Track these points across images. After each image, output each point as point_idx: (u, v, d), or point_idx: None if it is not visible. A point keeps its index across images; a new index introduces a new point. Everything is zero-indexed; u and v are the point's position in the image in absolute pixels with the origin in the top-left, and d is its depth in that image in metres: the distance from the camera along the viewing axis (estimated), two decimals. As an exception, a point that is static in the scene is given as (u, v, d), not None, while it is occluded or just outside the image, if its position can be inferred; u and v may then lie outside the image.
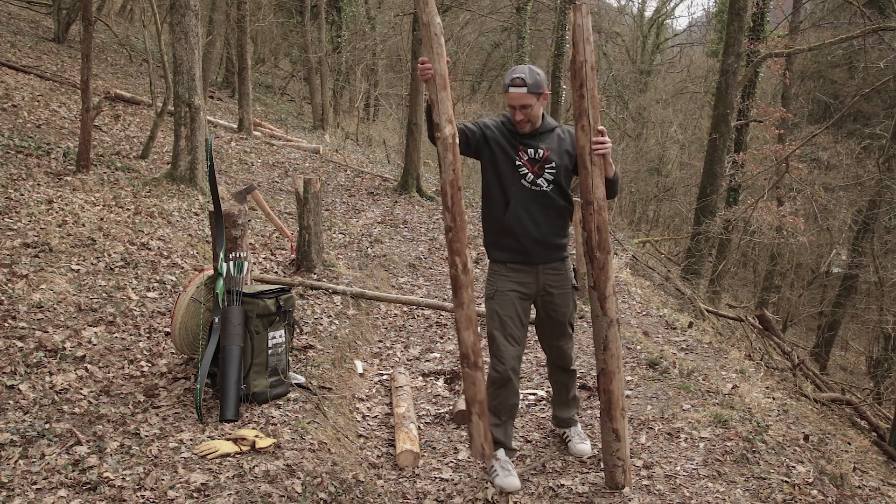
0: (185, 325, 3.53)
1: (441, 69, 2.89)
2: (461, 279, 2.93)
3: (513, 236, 3.08)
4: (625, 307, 6.20)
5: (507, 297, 3.12)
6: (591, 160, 2.90)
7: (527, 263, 3.11)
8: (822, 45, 13.11)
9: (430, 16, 2.90)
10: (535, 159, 3.05)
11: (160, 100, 8.93)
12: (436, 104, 2.88)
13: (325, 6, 17.01)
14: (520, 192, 3.04)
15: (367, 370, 4.57)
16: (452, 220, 2.91)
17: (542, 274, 3.13)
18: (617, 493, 2.98)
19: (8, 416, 2.97)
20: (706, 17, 28.96)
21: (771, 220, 11.95)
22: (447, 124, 2.89)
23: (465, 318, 2.95)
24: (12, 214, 5.15)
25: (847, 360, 14.27)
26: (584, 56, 2.85)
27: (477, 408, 2.97)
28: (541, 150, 3.04)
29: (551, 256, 3.12)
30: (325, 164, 12.19)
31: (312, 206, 5.83)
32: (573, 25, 2.87)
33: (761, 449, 3.34)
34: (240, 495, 2.53)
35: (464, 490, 3.07)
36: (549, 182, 3.05)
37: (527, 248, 3.08)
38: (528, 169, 3.04)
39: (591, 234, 2.93)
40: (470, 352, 2.96)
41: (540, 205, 3.06)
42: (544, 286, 3.14)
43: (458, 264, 2.93)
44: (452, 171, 2.90)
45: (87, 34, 6.87)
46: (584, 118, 2.88)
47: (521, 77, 2.93)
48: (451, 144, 2.90)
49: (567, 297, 3.20)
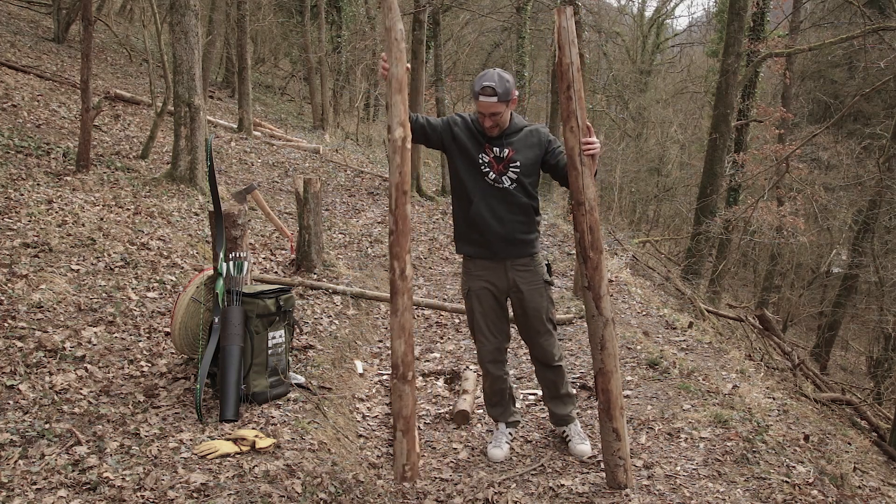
0: (185, 325, 3.53)
1: (398, 73, 2.94)
2: (398, 285, 2.93)
3: (478, 231, 3.17)
4: (625, 307, 6.19)
5: (479, 294, 3.26)
6: (580, 160, 2.91)
7: (493, 259, 3.21)
8: (822, 45, 13.11)
9: (392, 21, 2.95)
10: (501, 158, 3.13)
11: (160, 100, 8.92)
12: (389, 107, 2.95)
13: (325, 6, 17.01)
14: (483, 189, 3.13)
15: (367, 370, 4.57)
16: (395, 224, 2.94)
17: (510, 270, 3.21)
18: (617, 493, 2.98)
19: (8, 416, 2.96)
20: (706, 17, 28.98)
21: (771, 220, 11.95)
22: (398, 127, 2.93)
23: (399, 325, 2.94)
24: (12, 214, 5.15)
25: (847, 360, 14.27)
26: (570, 58, 2.87)
27: (402, 423, 2.95)
28: (506, 150, 3.12)
29: (517, 252, 3.20)
30: (325, 164, 12.19)
31: (312, 206, 5.83)
32: (557, 28, 2.88)
33: (761, 449, 3.34)
34: (240, 495, 2.53)
35: (464, 490, 3.06)
36: (512, 181, 3.13)
37: (491, 243, 3.18)
38: (492, 168, 3.13)
39: (584, 234, 2.94)
40: (400, 363, 2.94)
41: (503, 201, 3.14)
42: (514, 282, 3.22)
43: (397, 269, 2.94)
44: (399, 174, 2.93)
45: (86, 34, 6.87)
46: (572, 119, 2.90)
47: (492, 86, 2.97)
48: (400, 147, 2.94)
49: (539, 293, 3.25)
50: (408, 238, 2.96)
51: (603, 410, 2.97)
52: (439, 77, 13.10)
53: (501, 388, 3.41)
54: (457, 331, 5.52)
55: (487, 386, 3.43)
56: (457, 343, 5.23)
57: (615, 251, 9.56)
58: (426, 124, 3.14)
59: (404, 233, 2.94)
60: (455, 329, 5.56)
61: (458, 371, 4.52)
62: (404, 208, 2.94)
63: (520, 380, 4.45)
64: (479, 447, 3.55)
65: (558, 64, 2.91)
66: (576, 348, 4.98)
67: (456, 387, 4.35)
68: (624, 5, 30.43)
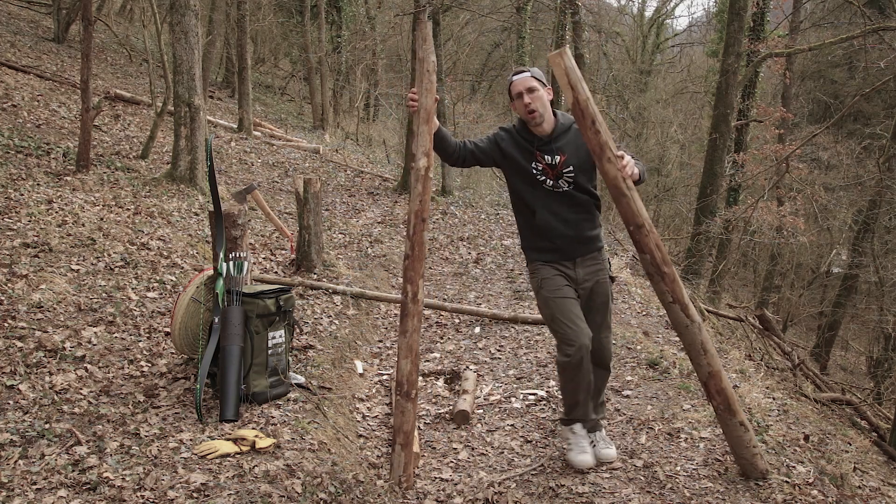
0: (185, 325, 3.53)
1: (427, 104, 2.97)
2: (409, 307, 3.02)
3: (547, 238, 3.17)
4: (625, 307, 6.19)
5: (555, 281, 3.14)
6: (626, 185, 2.87)
7: (565, 260, 3.19)
8: (822, 45, 13.10)
9: (426, 52, 2.96)
10: (553, 165, 3.11)
11: (160, 100, 8.92)
12: (416, 136, 2.98)
13: (325, 6, 17.01)
14: (544, 197, 3.13)
15: (367, 370, 4.57)
16: (411, 249, 3.00)
17: (579, 265, 3.19)
18: (617, 493, 2.98)
19: (8, 416, 2.96)
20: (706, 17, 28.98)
21: (771, 220, 11.94)
22: (423, 157, 2.97)
23: (406, 346, 3.02)
24: (12, 214, 5.15)
25: (847, 360, 14.26)
26: (584, 94, 2.84)
27: (401, 437, 3.03)
28: (557, 157, 3.10)
29: (587, 249, 3.20)
30: (325, 164, 12.19)
31: (312, 206, 5.83)
32: (565, 70, 2.82)
33: (761, 449, 3.34)
34: (240, 495, 2.53)
35: (464, 490, 3.07)
36: (569, 183, 3.12)
37: (562, 248, 3.16)
38: (547, 174, 3.11)
39: (653, 253, 2.91)
40: (405, 381, 3.03)
41: (565, 203, 3.14)
42: (583, 277, 3.19)
43: (409, 292, 3.01)
44: (419, 202, 2.98)
45: (86, 34, 6.87)
46: (606, 151, 2.86)
47: (522, 69, 3.09)
48: (423, 176, 2.98)
49: (606, 286, 3.24)
50: (423, 263, 3.03)
51: (724, 409, 2.97)
52: (439, 77, 13.09)
53: (590, 379, 3.12)
54: (457, 331, 5.52)
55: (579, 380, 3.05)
56: (457, 343, 5.23)
57: (615, 251, 9.55)
58: (475, 149, 3.16)
59: (420, 258, 3.00)
60: (455, 329, 5.56)
61: (458, 371, 4.52)
62: (422, 234, 3.00)
63: (519, 380, 4.45)
64: (479, 447, 3.55)
65: (574, 104, 2.87)
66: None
67: (456, 387, 4.35)
68: (624, 5, 30.41)
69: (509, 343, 5.10)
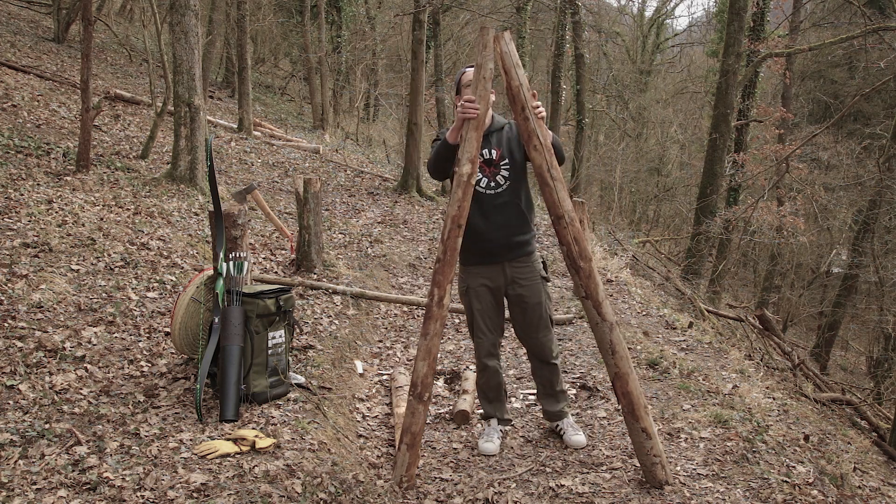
0: (185, 325, 3.53)
1: (482, 111, 2.93)
2: (433, 311, 3.01)
3: (475, 242, 3.20)
4: (625, 307, 6.19)
5: (477, 291, 3.32)
6: (550, 176, 2.92)
7: (491, 263, 3.26)
8: (822, 45, 13.11)
9: (484, 59, 2.91)
10: (490, 160, 3.15)
11: (160, 100, 8.92)
12: (463, 141, 2.95)
13: (325, 6, 17.01)
14: (476, 200, 3.13)
15: (367, 370, 4.57)
16: (444, 253, 2.99)
17: (507, 268, 3.27)
18: (618, 493, 2.98)
19: (8, 416, 2.96)
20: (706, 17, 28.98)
21: (771, 220, 11.95)
22: (467, 163, 2.93)
23: (426, 348, 3.02)
24: (12, 214, 5.15)
25: (847, 360, 14.26)
26: (518, 80, 2.88)
27: (409, 438, 3.04)
28: (494, 150, 3.15)
29: (515, 253, 3.26)
30: (325, 164, 12.19)
31: (312, 206, 5.83)
32: (500, 54, 2.86)
33: (761, 449, 3.34)
34: (240, 495, 2.53)
35: (464, 490, 3.07)
36: (506, 179, 3.16)
37: (490, 251, 3.24)
38: (483, 173, 3.16)
39: (570, 246, 2.95)
40: (419, 383, 3.03)
41: (496, 208, 3.18)
42: (512, 279, 3.28)
43: (436, 296, 3.00)
44: (458, 207, 2.96)
45: (86, 34, 6.87)
46: (534, 138, 2.92)
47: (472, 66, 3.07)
48: (465, 183, 2.94)
49: (537, 289, 3.29)
50: (453, 269, 3.01)
51: (628, 413, 2.99)
52: (439, 77, 13.11)
53: (498, 382, 3.47)
54: (457, 331, 5.52)
55: (484, 381, 3.48)
56: (457, 343, 5.24)
57: (615, 251, 9.55)
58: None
59: (450, 263, 2.99)
60: (455, 329, 5.56)
61: (458, 371, 4.52)
62: (455, 240, 2.98)
63: (520, 380, 4.45)
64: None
65: (507, 88, 2.92)
66: (576, 348, 4.98)
67: (456, 387, 4.35)
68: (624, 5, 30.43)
69: (509, 343, 5.11)
